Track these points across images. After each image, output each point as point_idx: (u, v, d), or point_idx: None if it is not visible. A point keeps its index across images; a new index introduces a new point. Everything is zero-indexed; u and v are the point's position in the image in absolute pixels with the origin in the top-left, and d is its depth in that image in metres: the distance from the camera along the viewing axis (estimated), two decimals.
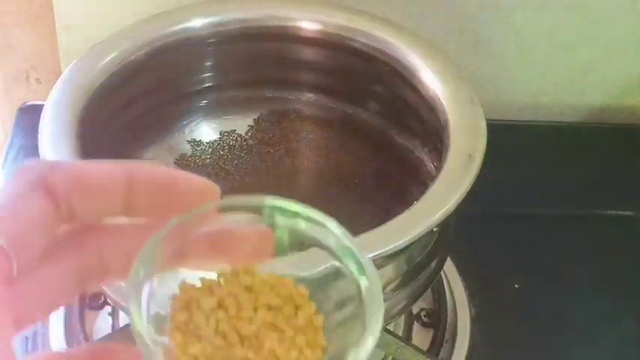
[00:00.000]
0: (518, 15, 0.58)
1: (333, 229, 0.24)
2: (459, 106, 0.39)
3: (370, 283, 0.23)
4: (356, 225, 0.40)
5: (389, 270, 0.35)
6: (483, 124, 0.37)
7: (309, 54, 0.47)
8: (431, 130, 0.41)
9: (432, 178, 0.35)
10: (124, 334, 0.41)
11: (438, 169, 0.35)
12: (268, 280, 0.24)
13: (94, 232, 0.22)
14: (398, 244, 0.31)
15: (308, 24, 0.45)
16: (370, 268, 0.23)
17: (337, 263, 0.24)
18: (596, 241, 0.56)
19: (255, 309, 0.24)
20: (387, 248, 0.31)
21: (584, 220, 0.57)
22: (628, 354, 0.49)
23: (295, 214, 0.25)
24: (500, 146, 0.39)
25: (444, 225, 0.38)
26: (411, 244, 0.32)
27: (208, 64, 0.47)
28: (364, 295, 0.23)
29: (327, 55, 0.46)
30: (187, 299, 0.23)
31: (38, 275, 0.21)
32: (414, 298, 0.38)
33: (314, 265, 0.25)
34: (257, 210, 0.24)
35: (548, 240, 0.56)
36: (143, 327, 0.21)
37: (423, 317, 0.48)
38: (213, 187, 0.23)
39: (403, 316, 0.47)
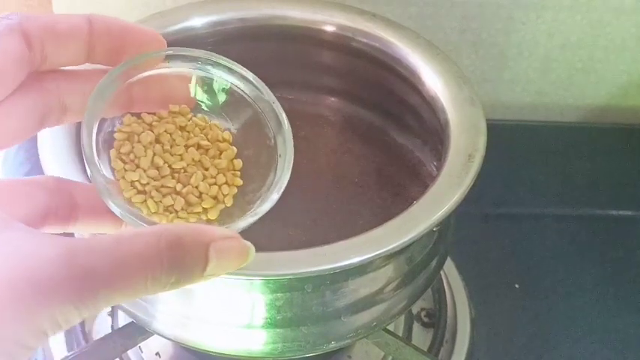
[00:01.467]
0: (518, 15, 0.58)
1: (260, 87, 0.28)
2: (460, 106, 0.39)
3: (285, 138, 0.27)
4: (356, 225, 0.40)
5: (389, 270, 0.35)
6: (483, 124, 0.37)
7: (308, 54, 0.47)
8: (431, 130, 0.41)
9: (432, 178, 0.35)
10: (123, 334, 0.41)
11: (438, 169, 0.35)
12: (199, 122, 0.28)
13: (54, 75, 0.26)
14: (398, 244, 0.31)
15: (308, 24, 0.45)
16: (286, 125, 0.28)
17: (260, 117, 0.28)
18: (596, 241, 0.56)
19: (187, 147, 0.27)
20: (387, 248, 0.31)
21: (584, 220, 0.57)
22: (628, 354, 0.49)
23: (227, 69, 0.28)
24: (500, 146, 0.39)
25: (444, 225, 0.38)
26: (411, 243, 0.32)
27: None
28: (279, 148, 0.28)
29: (327, 55, 0.46)
30: (130, 132, 0.27)
31: (4, 108, 0.24)
32: (414, 298, 0.38)
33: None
34: (196, 60, 0.28)
35: (548, 240, 0.56)
36: (94, 155, 0.25)
37: (423, 317, 0.48)
38: (160, 38, 0.27)
39: (403, 316, 0.47)
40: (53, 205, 0.26)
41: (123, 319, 0.46)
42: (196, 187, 0.27)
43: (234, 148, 0.29)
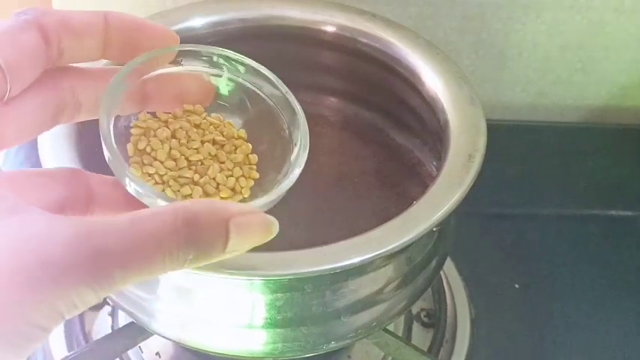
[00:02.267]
0: (518, 15, 0.58)
1: (273, 79, 0.29)
2: (459, 106, 0.39)
3: (300, 124, 0.28)
4: (356, 225, 0.40)
5: (389, 270, 0.35)
6: (483, 125, 0.37)
7: (308, 54, 0.47)
8: (431, 130, 0.41)
9: (432, 178, 0.35)
10: (123, 334, 0.41)
11: (438, 169, 0.35)
12: (214, 121, 0.29)
13: (68, 72, 0.26)
14: (398, 244, 0.31)
15: (307, 24, 0.45)
16: (300, 113, 0.28)
17: (273, 110, 0.29)
18: (596, 241, 0.56)
19: (202, 142, 0.28)
20: (387, 248, 0.31)
21: (584, 220, 0.57)
22: (628, 354, 0.49)
23: (241, 63, 0.29)
24: (500, 146, 0.39)
25: (444, 225, 0.38)
26: (411, 244, 0.32)
27: None
28: (293, 137, 0.28)
29: (327, 55, 0.46)
30: (146, 127, 0.27)
31: (20, 103, 0.24)
32: (414, 298, 0.38)
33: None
34: (209, 56, 0.29)
35: (548, 240, 0.56)
36: (111, 137, 0.25)
37: (422, 317, 0.48)
38: (174, 35, 0.27)
39: (403, 316, 0.47)
40: (70, 196, 0.26)
41: (123, 319, 0.46)
42: (214, 179, 0.27)
43: (250, 145, 0.29)
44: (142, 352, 0.45)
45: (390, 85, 0.44)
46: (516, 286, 0.52)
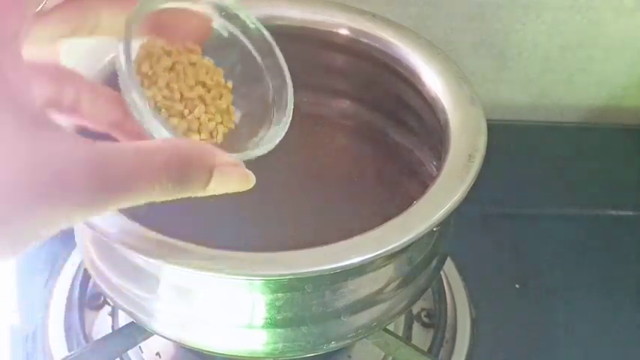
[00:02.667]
0: (518, 15, 0.58)
1: (275, 50, 0.31)
2: (460, 106, 0.39)
3: (287, 92, 0.30)
4: (356, 225, 0.40)
5: (389, 270, 0.35)
6: (484, 124, 0.37)
7: (308, 54, 0.47)
8: (431, 130, 0.41)
9: (432, 178, 0.35)
10: (123, 334, 0.41)
11: (438, 169, 0.35)
12: (207, 63, 0.31)
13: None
14: (398, 244, 0.31)
15: (307, 24, 0.45)
16: (288, 77, 0.31)
17: (264, 74, 0.31)
18: (596, 241, 0.56)
19: (196, 82, 0.30)
20: (387, 248, 0.31)
21: (584, 220, 0.57)
22: (629, 354, 0.49)
23: (251, 23, 0.31)
24: (500, 146, 0.39)
25: (444, 225, 0.38)
26: (411, 244, 0.32)
27: None
28: (276, 105, 0.30)
29: (327, 56, 0.46)
30: (150, 50, 0.29)
31: (49, 14, 0.26)
32: (415, 298, 0.38)
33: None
34: (225, 7, 0.30)
35: (548, 240, 0.56)
36: (130, 54, 0.26)
37: (423, 317, 0.48)
38: None
39: (403, 316, 0.48)
40: (56, 97, 0.28)
41: (123, 319, 0.46)
42: (198, 118, 0.29)
43: (232, 96, 0.31)
44: (142, 352, 0.45)
45: (390, 85, 0.44)
46: (516, 286, 0.52)
